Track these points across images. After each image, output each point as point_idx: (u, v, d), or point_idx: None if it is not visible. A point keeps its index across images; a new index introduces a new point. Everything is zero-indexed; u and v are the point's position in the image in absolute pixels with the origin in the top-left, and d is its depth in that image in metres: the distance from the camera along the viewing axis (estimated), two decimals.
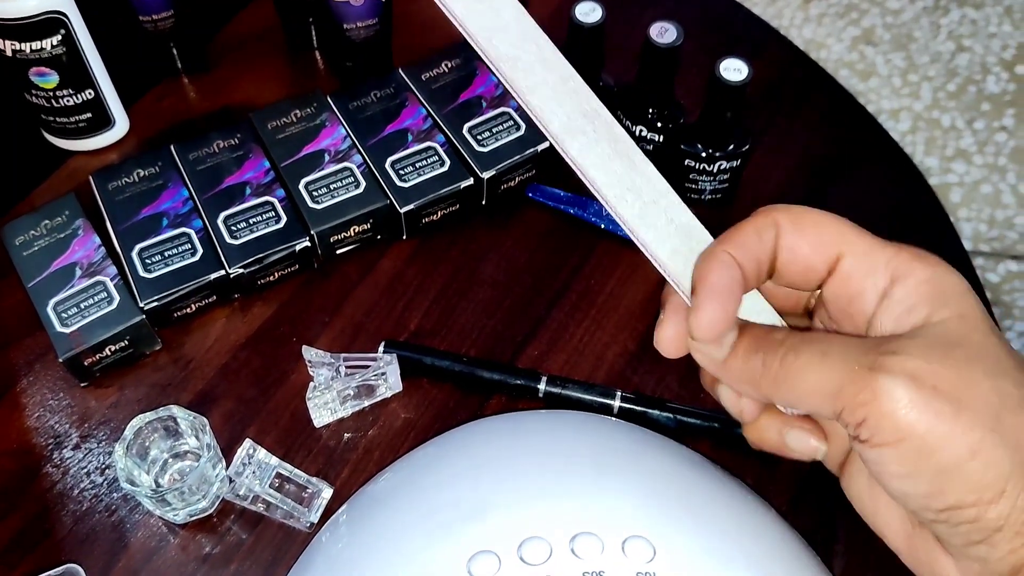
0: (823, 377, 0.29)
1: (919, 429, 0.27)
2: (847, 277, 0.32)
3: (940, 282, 0.30)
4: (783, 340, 0.31)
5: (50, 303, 0.58)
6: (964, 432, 0.27)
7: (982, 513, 0.27)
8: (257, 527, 0.54)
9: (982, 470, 0.27)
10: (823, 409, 0.29)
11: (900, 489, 0.29)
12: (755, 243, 0.32)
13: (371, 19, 0.70)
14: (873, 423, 0.28)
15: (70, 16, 0.63)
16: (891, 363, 0.28)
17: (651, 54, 0.61)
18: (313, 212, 0.63)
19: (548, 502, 0.42)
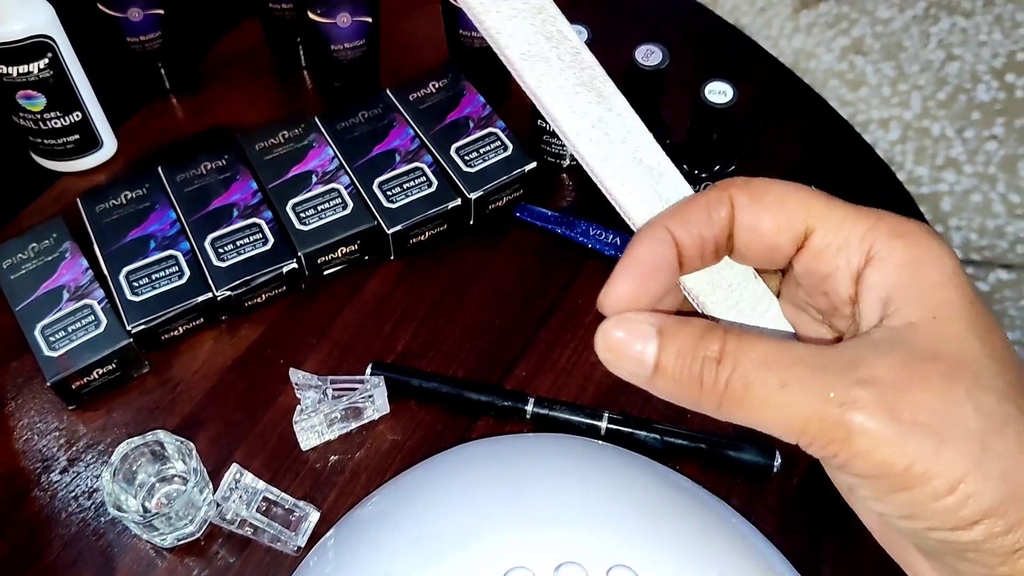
0: (783, 413, 0.26)
1: (897, 468, 0.25)
2: (817, 253, 0.28)
3: (919, 269, 0.27)
4: (727, 353, 0.26)
5: (37, 327, 0.58)
6: (945, 469, 0.25)
7: (956, 536, 0.26)
8: (244, 551, 0.54)
9: (959, 504, 0.25)
10: (783, 438, 0.26)
11: (871, 507, 0.27)
12: (702, 220, 0.28)
13: (358, 40, 0.70)
14: (846, 459, 0.25)
15: (57, 40, 0.63)
16: (865, 398, 0.25)
17: (637, 76, 0.61)
18: (300, 234, 0.63)
19: (533, 530, 0.42)
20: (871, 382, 0.25)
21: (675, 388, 0.27)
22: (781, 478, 0.57)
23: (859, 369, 0.25)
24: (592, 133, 0.28)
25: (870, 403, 0.25)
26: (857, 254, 0.28)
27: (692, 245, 0.28)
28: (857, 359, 0.26)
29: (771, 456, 0.56)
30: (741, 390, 0.26)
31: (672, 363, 0.26)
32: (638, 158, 0.29)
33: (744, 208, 0.28)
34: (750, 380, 0.26)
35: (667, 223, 0.28)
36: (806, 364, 0.26)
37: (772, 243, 0.28)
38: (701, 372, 0.26)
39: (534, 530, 0.42)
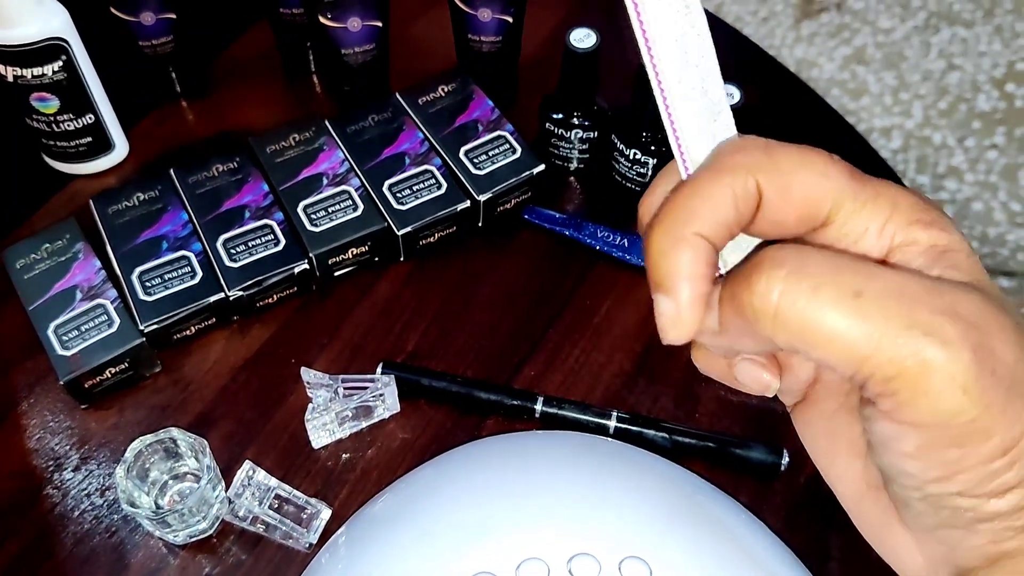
0: (853, 332, 0.22)
1: (963, 418, 0.22)
2: (836, 242, 0.26)
3: (944, 252, 0.25)
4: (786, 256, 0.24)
5: (51, 326, 0.59)
6: (1008, 427, 0.22)
7: (981, 504, 0.24)
8: (256, 548, 0.55)
9: (1006, 467, 0.23)
10: (839, 368, 0.23)
11: (898, 466, 0.25)
12: (731, 216, 0.25)
13: (368, 44, 0.71)
14: (907, 398, 0.22)
15: (71, 42, 0.63)
16: (952, 330, 0.22)
17: (644, 79, 0.62)
18: (311, 235, 0.63)
19: (545, 523, 0.43)
20: (959, 317, 0.22)
21: (727, 292, 0.25)
22: (789, 476, 0.57)
23: (946, 297, 0.23)
24: (673, 47, 0.26)
25: (956, 340, 0.22)
26: (876, 248, 0.26)
27: (721, 241, 0.26)
28: (940, 287, 0.23)
29: (779, 454, 0.57)
30: (808, 293, 0.23)
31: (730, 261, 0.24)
32: (704, 88, 0.27)
33: (770, 202, 0.26)
34: (821, 280, 0.23)
35: (696, 228, 0.25)
36: (883, 277, 0.23)
37: (791, 230, 0.27)
38: (759, 271, 0.23)
39: (546, 523, 0.42)
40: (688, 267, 0.25)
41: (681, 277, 0.25)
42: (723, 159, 0.26)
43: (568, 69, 0.65)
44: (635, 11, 0.26)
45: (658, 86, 0.27)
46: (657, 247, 0.25)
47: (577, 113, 0.68)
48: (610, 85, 0.69)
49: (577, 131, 0.68)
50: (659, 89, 0.27)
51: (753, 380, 0.28)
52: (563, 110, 0.68)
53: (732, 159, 0.26)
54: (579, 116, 0.68)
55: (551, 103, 0.69)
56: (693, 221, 0.25)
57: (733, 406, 0.60)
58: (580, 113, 0.68)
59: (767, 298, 0.23)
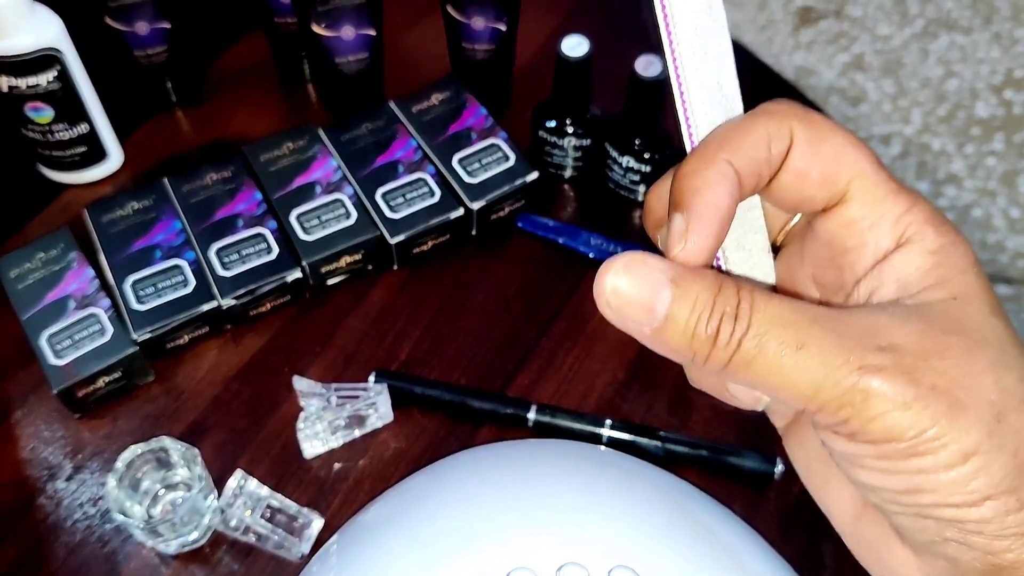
0: (798, 377, 0.24)
1: (912, 431, 0.24)
2: (849, 223, 0.27)
3: (947, 255, 0.26)
4: (742, 312, 0.25)
5: (44, 335, 0.59)
6: (962, 434, 0.24)
7: (963, 514, 0.25)
8: (248, 558, 0.55)
9: (973, 474, 0.24)
10: (791, 404, 0.25)
11: (869, 481, 0.26)
12: (761, 153, 0.26)
13: (362, 53, 0.71)
14: (858, 424, 0.24)
15: (65, 52, 0.64)
16: (883, 361, 0.24)
17: (637, 87, 0.62)
18: (305, 243, 0.63)
19: (535, 532, 0.42)
20: (891, 349, 0.24)
21: (683, 343, 0.25)
22: (782, 484, 0.57)
23: (879, 336, 0.24)
24: (693, 37, 0.27)
25: (889, 368, 0.24)
26: (888, 236, 0.27)
27: (749, 181, 0.26)
28: (876, 326, 0.25)
29: (772, 462, 0.57)
30: (754, 349, 0.24)
31: (685, 316, 0.25)
32: (720, 83, 0.28)
33: (800, 148, 0.27)
34: (765, 339, 0.24)
35: (726, 155, 0.26)
36: (823, 326, 0.24)
37: (810, 194, 0.27)
38: (718, 328, 0.24)
39: (536, 532, 0.42)
40: (710, 186, 0.26)
41: (699, 193, 0.26)
42: (763, 106, 0.27)
43: (561, 77, 0.65)
44: (660, 2, 0.27)
45: (675, 73, 0.27)
46: (685, 168, 0.26)
47: (570, 121, 0.68)
48: (603, 93, 0.69)
49: (570, 139, 0.68)
50: (676, 77, 0.27)
51: (743, 394, 0.29)
52: (556, 118, 0.68)
53: (772, 106, 0.27)
54: (572, 124, 0.68)
55: (544, 111, 0.69)
56: (726, 148, 0.26)
57: (727, 414, 0.60)
58: (573, 121, 0.68)
59: (720, 353, 0.25)
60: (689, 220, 0.26)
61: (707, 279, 0.25)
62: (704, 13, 0.27)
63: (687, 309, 0.25)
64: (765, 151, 0.26)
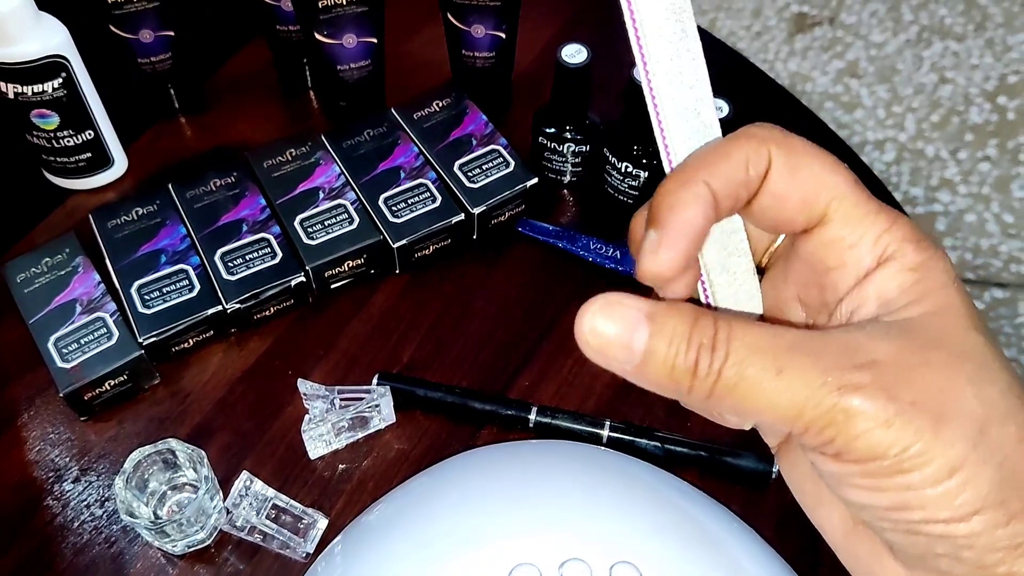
0: (779, 400, 0.25)
1: (896, 448, 0.24)
2: (827, 243, 0.28)
3: (927, 271, 0.26)
4: (719, 341, 0.25)
5: (51, 339, 0.60)
6: (946, 448, 0.24)
7: (952, 530, 0.25)
8: (254, 558, 0.55)
9: (959, 488, 0.24)
10: (777, 427, 0.26)
11: (857, 499, 0.26)
12: (739, 175, 0.27)
13: (364, 61, 0.72)
14: (843, 443, 0.24)
15: (71, 60, 0.64)
16: (863, 379, 0.24)
17: (635, 93, 0.63)
18: (308, 248, 0.64)
19: (538, 529, 0.43)
20: (870, 366, 0.25)
21: (664, 377, 0.25)
22: (779, 484, 0.58)
23: (857, 354, 0.25)
24: (669, 66, 0.27)
25: (868, 385, 0.24)
26: (869, 255, 0.27)
27: (726, 202, 0.27)
28: (854, 344, 0.25)
29: (769, 462, 0.57)
30: (735, 377, 0.25)
31: (664, 351, 0.25)
32: (697, 110, 0.28)
33: (779, 172, 0.27)
34: (744, 367, 0.25)
35: (704, 176, 0.27)
36: (801, 350, 0.25)
37: (790, 216, 0.28)
38: (696, 359, 0.25)
39: (539, 529, 0.43)
40: (684, 204, 0.26)
41: (674, 210, 0.26)
42: (743, 129, 0.27)
43: (560, 84, 0.66)
44: (633, 31, 0.27)
45: (652, 104, 0.28)
46: (663, 188, 0.27)
47: (569, 127, 0.69)
48: (602, 99, 0.70)
49: (570, 145, 0.69)
50: (653, 107, 0.28)
51: (733, 416, 0.29)
52: (556, 124, 0.69)
53: (751, 129, 0.27)
54: (571, 130, 0.69)
55: (544, 117, 0.70)
56: (704, 170, 0.27)
57: None
58: (572, 127, 0.69)
59: (701, 384, 0.25)
60: (662, 236, 0.26)
61: (683, 312, 0.26)
62: (678, 41, 0.28)
63: (664, 344, 0.25)
64: (743, 173, 0.27)
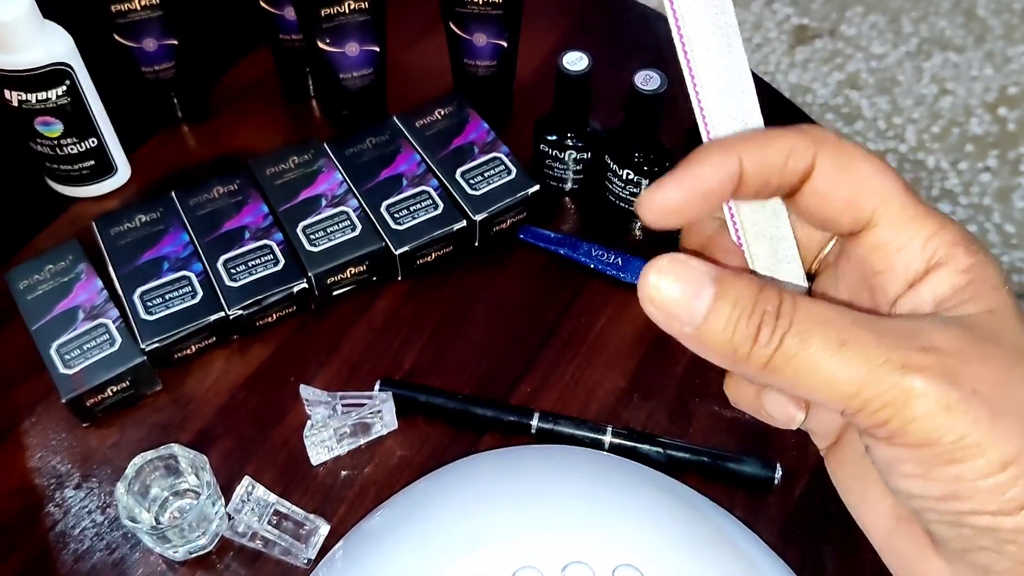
0: (840, 374, 0.24)
1: (952, 436, 0.24)
2: (875, 247, 0.28)
3: (979, 273, 0.27)
4: (783, 311, 0.25)
5: (53, 345, 0.60)
6: (1001, 441, 0.24)
7: (998, 523, 0.25)
8: (255, 564, 0.55)
9: (1010, 483, 0.24)
10: (831, 405, 0.25)
11: (907, 488, 0.26)
12: (777, 164, 0.27)
13: (366, 69, 0.72)
14: (898, 426, 0.24)
15: (75, 67, 0.65)
16: (926, 361, 0.24)
17: (636, 101, 0.63)
18: (310, 255, 0.64)
19: (540, 532, 0.43)
20: (933, 350, 0.25)
21: (723, 342, 0.25)
22: (782, 490, 0.58)
23: (920, 338, 0.25)
24: (716, 79, 0.28)
25: (931, 368, 0.24)
26: (919, 259, 0.27)
27: (754, 181, 0.27)
28: (918, 329, 0.25)
29: (772, 468, 0.57)
30: (796, 346, 0.25)
31: (727, 313, 0.25)
32: (744, 121, 0.28)
33: (824, 172, 0.27)
34: (807, 336, 0.25)
35: (742, 152, 0.27)
36: (865, 327, 0.25)
37: (834, 217, 0.28)
38: (759, 326, 0.25)
39: (541, 532, 0.43)
40: (707, 163, 0.27)
41: (693, 162, 0.27)
42: (799, 125, 0.28)
43: (561, 92, 0.66)
44: (681, 47, 0.28)
45: (701, 117, 0.28)
46: (698, 148, 0.27)
47: (571, 135, 0.69)
48: (603, 107, 0.70)
49: (571, 152, 0.70)
50: (702, 120, 0.29)
51: (780, 412, 0.30)
52: (557, 132, 0.69)
53: (804, 127, 0.28)
54: (573, 137, 0.69)
55: (545, 125, 0.70)
56: (743, 145, 0.27)
57: (727, 422, 0.61)
58: (574, 135, 0.69)
59: (762, 351, 0.25)
60: (672, 175, 0.27)
61: (749, 279, 0.26)
62: (725, 56, 0.28)
63: (729, 306, 0.25)
64: (781, 161, 0.27)
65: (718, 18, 0.28)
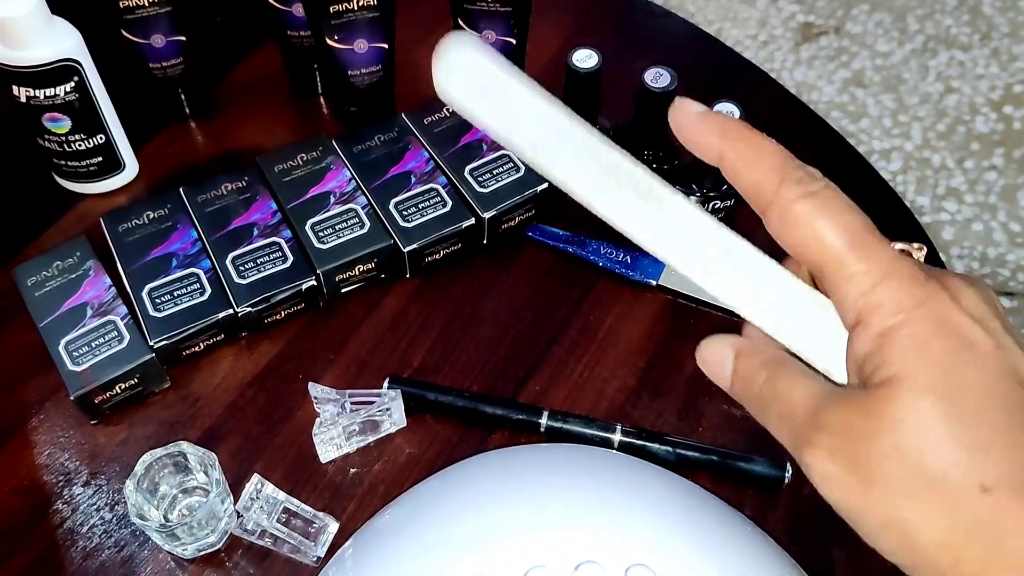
0: (777, 436, 0.31)
1: (835, 503, 0.29)
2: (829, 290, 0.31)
3: (891, 338, 0.28)
4: (764, 382, 0.32)
5: (61, 342, 0.60)
6: (870, 511, 0.28)
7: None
8: (264, 561, 0.55)
9: (887, 542, 0.29)
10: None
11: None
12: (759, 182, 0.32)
13: (375, 66, 0.72)
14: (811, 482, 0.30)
15: (83, 63, 0.65)
16: (817, 438, 0.29)
17: (646, 98, 0.63)
18: (319, 252, 0.64)
19: (552, 532, 0.43)
20: (824, 429, 0.29)
21: (740, 392, 0.33)
22: (792, 489, 0.58)
23: (819, 415, 0.29)
24: (663, 235, 0.32)
25: (820, 446, 0.29)
26: (849, 318, 0.29)
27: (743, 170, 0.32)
28: (818, 408, 0.30)
29: (782, 467, 0.57)
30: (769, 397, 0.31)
31: (739, 376, 0.33)
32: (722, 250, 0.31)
33: (772, 222, 0.31)
34: (773, 389, 0.31)
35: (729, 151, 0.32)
36: (790, 404, 0.30)
37: (796, 261, 0.31)
38: (760, 387, 0.32)
39: (552, 531, 0.43)
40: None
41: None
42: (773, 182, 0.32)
43: (571, 89, 0.66)
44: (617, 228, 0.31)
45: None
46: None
47: None
48: (612, 106, 0.70)
49: None
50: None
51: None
52: None
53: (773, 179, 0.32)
54: None
55: None
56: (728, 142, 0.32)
57: (736, 420, 0.61)
58: None
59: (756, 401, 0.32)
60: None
61: (754, 357, 0.32)
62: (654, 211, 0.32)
63: (739, 372, 0.33)
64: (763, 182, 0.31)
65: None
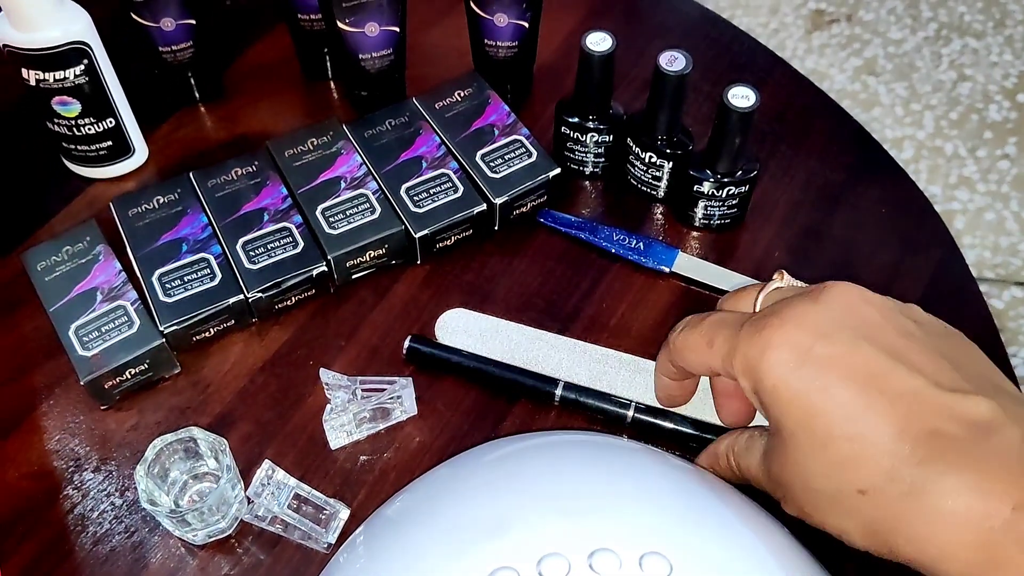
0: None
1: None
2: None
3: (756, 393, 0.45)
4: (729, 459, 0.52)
5: (71, 327, 0.59)
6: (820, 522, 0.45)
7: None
8: (275, 548, 0.55)
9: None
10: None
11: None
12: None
13: (386, 50, 0.71)
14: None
15: (93, 46, 0.64)
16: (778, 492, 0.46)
17: (661, 82, 0.62)
18: (330, 237, 0.64)
19: (566, 519, 0.43)
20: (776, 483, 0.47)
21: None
22: None
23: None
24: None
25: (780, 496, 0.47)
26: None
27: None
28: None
29: None
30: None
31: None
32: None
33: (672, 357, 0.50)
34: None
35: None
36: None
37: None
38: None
39: (566, 519, 0.42)
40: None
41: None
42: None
43: (584, 73, 0.66)
44: None
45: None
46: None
47: (592, 117, 0.68)
48: (625, 90, 0.69)
49: (592, 135, 0.69)
50: None
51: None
52: (578, 114, 0.68)
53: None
54: (594, 120, 0.68)
55: (566, 107, 0.69)
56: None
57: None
58: (595, 117, 0.68)
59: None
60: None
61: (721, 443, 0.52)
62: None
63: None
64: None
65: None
